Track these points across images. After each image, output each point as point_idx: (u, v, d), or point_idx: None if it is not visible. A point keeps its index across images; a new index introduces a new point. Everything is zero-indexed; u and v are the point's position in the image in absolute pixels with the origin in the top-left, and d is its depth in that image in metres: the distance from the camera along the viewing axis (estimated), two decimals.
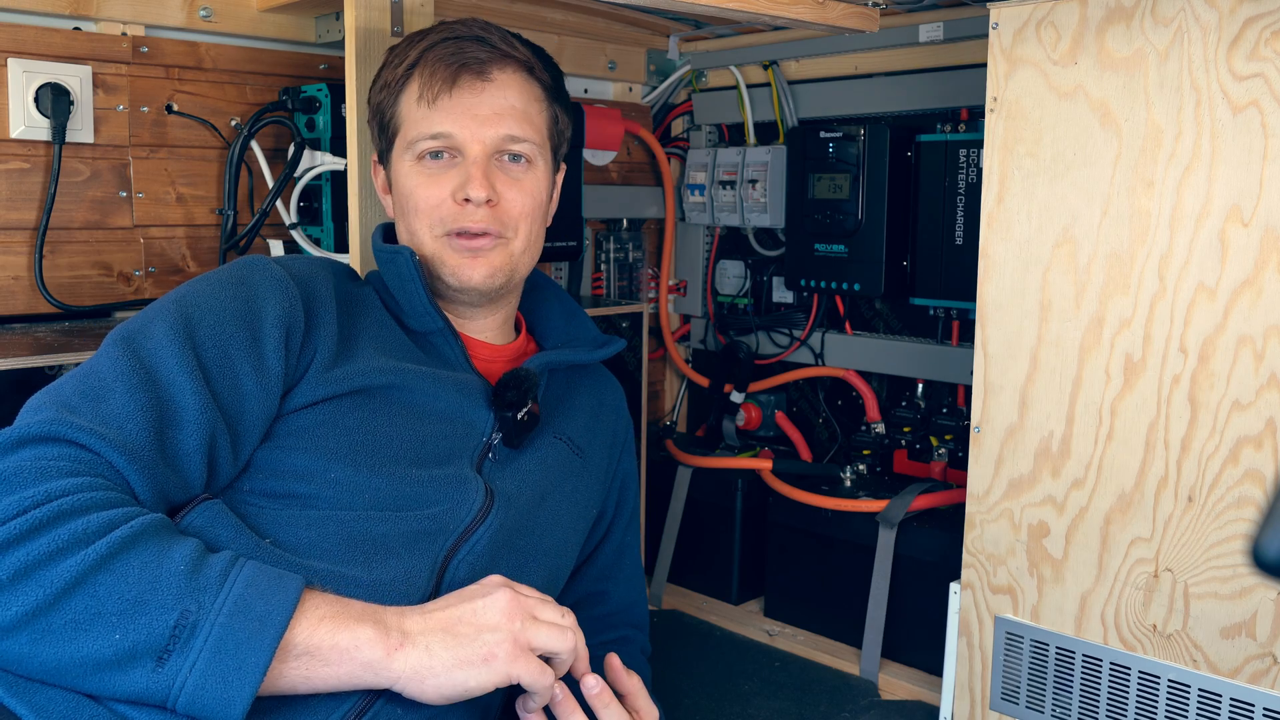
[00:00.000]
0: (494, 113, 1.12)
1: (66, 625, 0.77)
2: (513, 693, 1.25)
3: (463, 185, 1.10)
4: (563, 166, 1.26)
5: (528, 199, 1.14)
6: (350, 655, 0.82)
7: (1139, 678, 1.22)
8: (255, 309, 0.99)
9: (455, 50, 1.11)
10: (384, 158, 1.19)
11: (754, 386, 2.02)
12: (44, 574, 0.77)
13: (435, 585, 0.98)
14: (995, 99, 1.27)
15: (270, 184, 1.53)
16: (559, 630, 0.91)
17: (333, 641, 0.82)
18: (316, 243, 1.55)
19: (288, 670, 0.81)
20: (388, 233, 1.20)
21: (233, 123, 1.56)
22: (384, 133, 1.17)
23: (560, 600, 1.24)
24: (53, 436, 0.84)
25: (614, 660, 1.01)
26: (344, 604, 0.85)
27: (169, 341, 0.93)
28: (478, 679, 0.85)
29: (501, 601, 0.89)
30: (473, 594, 0.90)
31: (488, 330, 1.20)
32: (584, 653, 0.94)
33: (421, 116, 1.12)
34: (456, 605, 0.89)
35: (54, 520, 0.79)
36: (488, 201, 1.11)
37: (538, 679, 0.88)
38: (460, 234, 1.12)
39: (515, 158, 1.14)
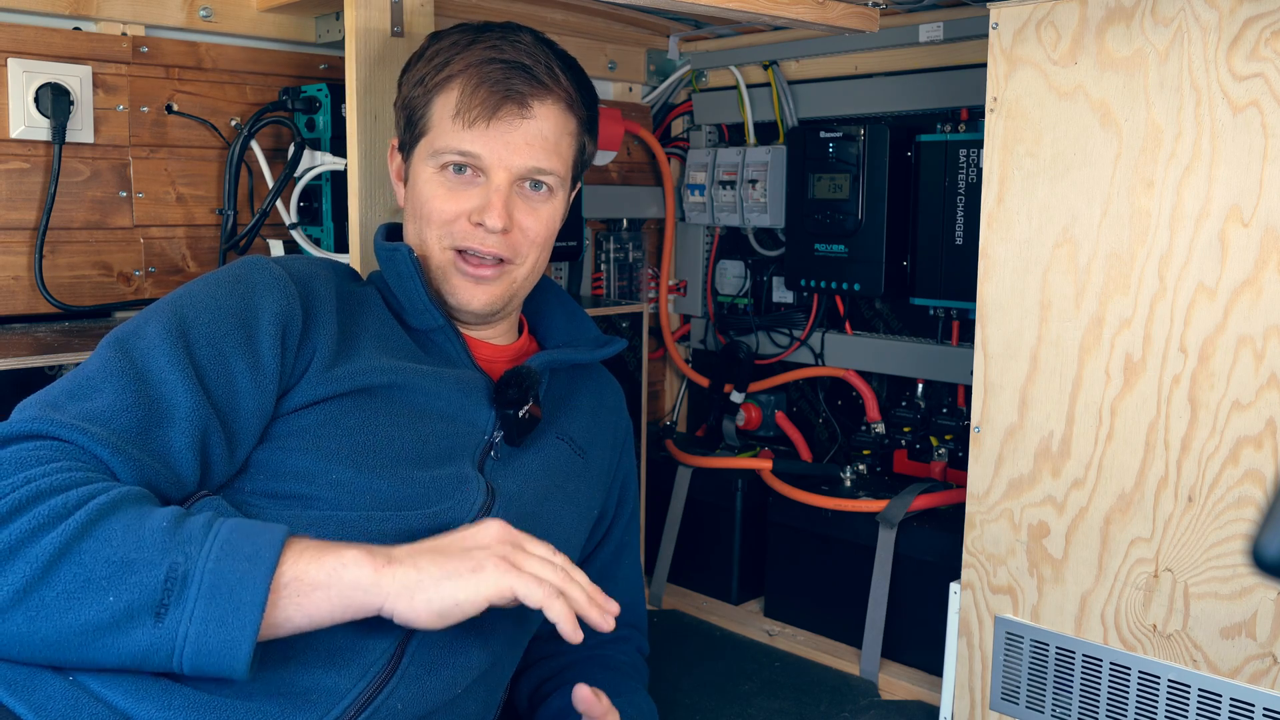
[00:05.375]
0: (526, 143, 1.11)
1: (59, 597, 0.77)
2: (514, 697, 1.25)
3: (481, 209, 1.10)
4: (578, 184, 1.27)
5: (542, 228, 1.15)
6: (338, 574, 0.82)
7: (1139, 678, 1.22)
8: (251, 306, 0.99)
9: (502, 76, 1.10)
10: (405, 148, 1.18)
11: (754, 386, 2.02)
12: (28, 551, 0.77)
13: None
14: (995, 99, 1.27)
15: (270, 184, 1.53)
16: (548, 564, 0.89)
17: (319, 564, 0.82)
18: (316, 243, 1.55)
19: (281, 601, 0.80)
20: (390, 232, 1.20)
21: (233, 123, 1.56)
22: (410, 128, 1.16)
23: None
24: (34, 433, 0.85)
25: (582, 691, 1.02)
26: (330, 542, 0.86)
27: (161, 340, 0.93)
28: (467, 591, 0.84)
29: (493, 527, 0.90)
30: (464, 527, 0.92)
31: (489, 332, 1.21)
32: (582, 595, 0.90)
33: (453, 132, 1.11)
34: (446, 535, 0.90)
35: (33, 500, 0.79)
36: (503, 230, 1.11)
37: (531, 590, 0.85)
38: (468, 254, 1.12)
39: (537, 185, 1.14)
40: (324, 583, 0.82)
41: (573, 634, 0.86)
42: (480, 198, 1.11)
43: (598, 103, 1.22)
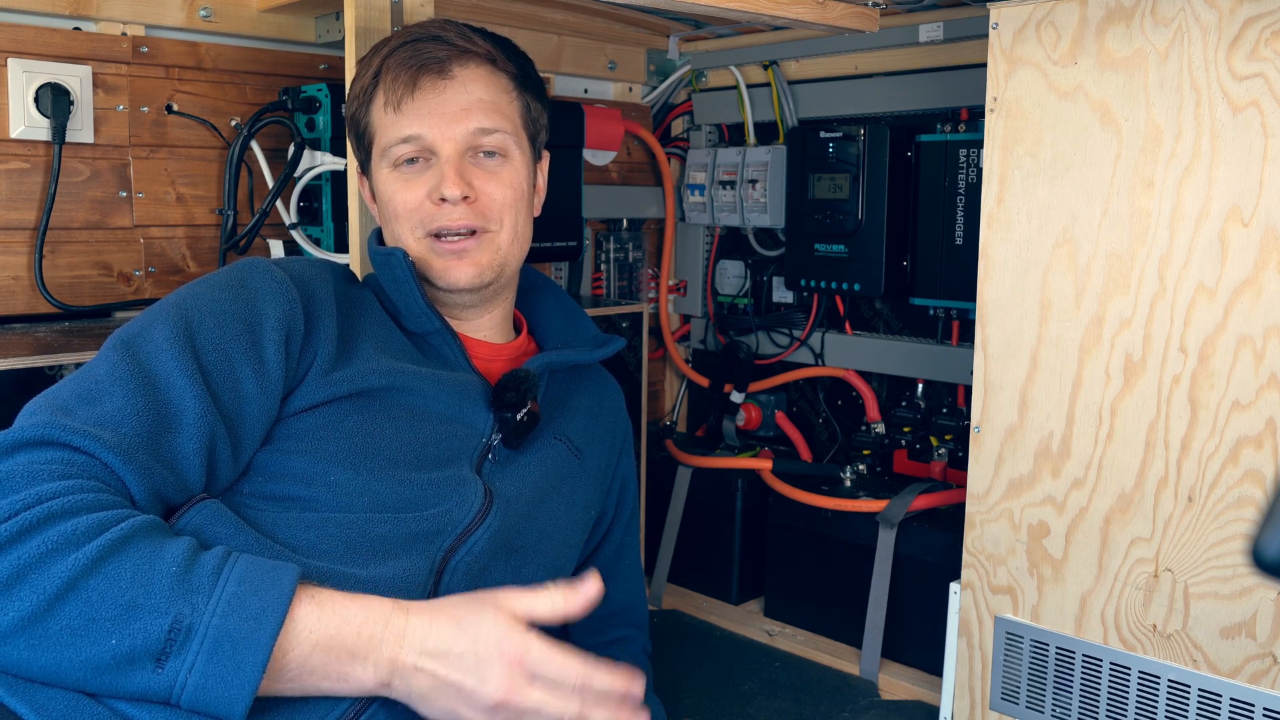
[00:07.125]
0: (460, 109, 1.11)
1: (62, 631, 0.77)
2: None
3: (437, 185, 1.11)
4: (545, 155, 1.25)
5: (508, 190, 1.14)
6: (344, 680, 0.83)
7: (1139, 678, 1.22)
8: (256, 311, 0.99)
9: (414, 53, 1.11)
10: (365, 168, 1.19)
11: (754, 386, 2.02)
12: (36, 578, 0.77)
13: (434, 585, 0.98)
14: (995, 99, 1.27)
15: (270, 184, 1.53)
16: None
17: (324, 672, 0.83)
18: (316, 243, 1.55)
19: (280, 689, 0.82)
20: (381, 237, 1.20)
21: (233, 123, 1.56)
22: (361, 144, 1.17)
23: None
24: (46, 440, 0.84)
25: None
26: (340, 620, 0.84)
27: (168, 344, 0.93)
28: None
29: (501, 670, 0.85)
30: (476, 635, 0.86)
31: (485, 329, 1.20)
32: (603, 689, 0.89)
33: (390, 123, 1.12)
34: (457, 638, 0.86)
35: (44, 522, 0.79)
36: (464, 199, 1.11)
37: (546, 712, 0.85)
38: (441, 235, 1.12)
39: (490, 153, 1.14)
40: (326, 686, 0.83)
41: None
42: (435, 176, 1.11)
43: (529, 63, 1.20)
